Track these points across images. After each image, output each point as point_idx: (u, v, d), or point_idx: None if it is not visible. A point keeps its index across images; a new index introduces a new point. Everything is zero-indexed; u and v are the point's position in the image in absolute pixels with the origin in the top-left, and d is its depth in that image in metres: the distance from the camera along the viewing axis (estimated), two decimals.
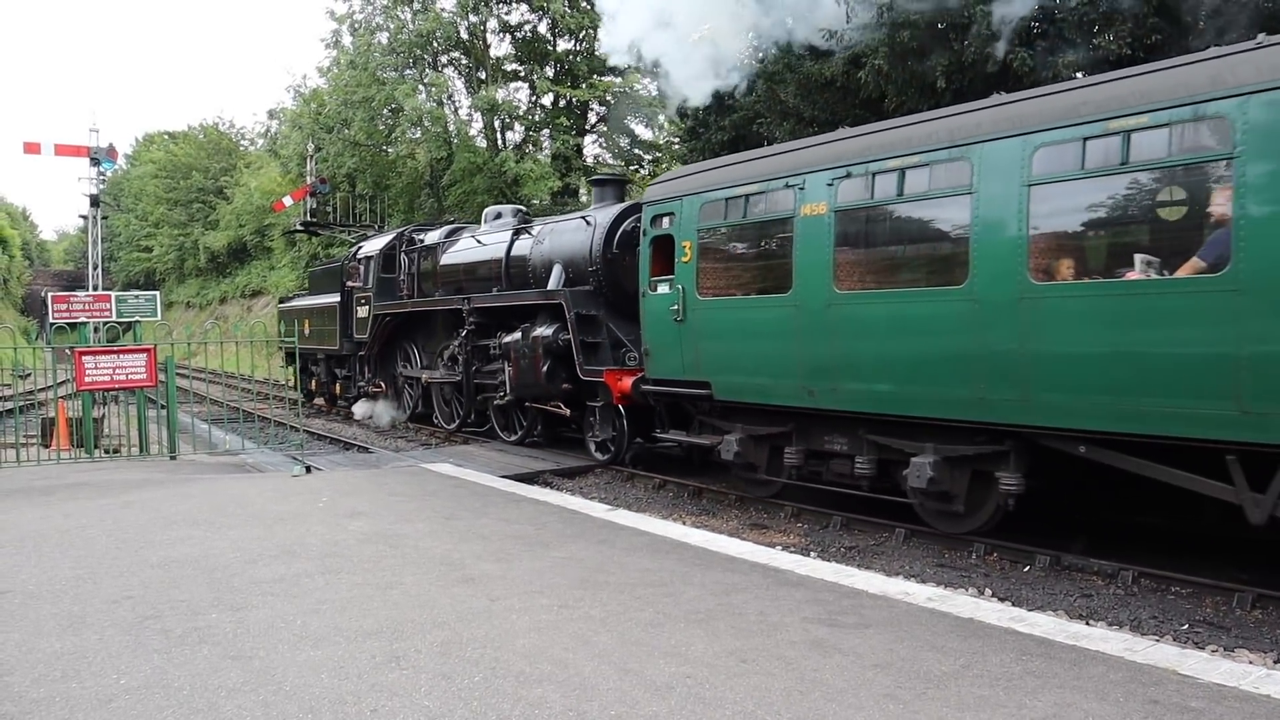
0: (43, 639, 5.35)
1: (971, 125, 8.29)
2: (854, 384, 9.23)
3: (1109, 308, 7.26)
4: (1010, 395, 7.94)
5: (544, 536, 8.00)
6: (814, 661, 4.90)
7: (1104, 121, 7.22)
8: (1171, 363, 6.94)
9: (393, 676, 4.72)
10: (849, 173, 9.17)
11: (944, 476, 8.79)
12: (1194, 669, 4.76)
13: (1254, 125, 6.37)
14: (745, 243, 10.78)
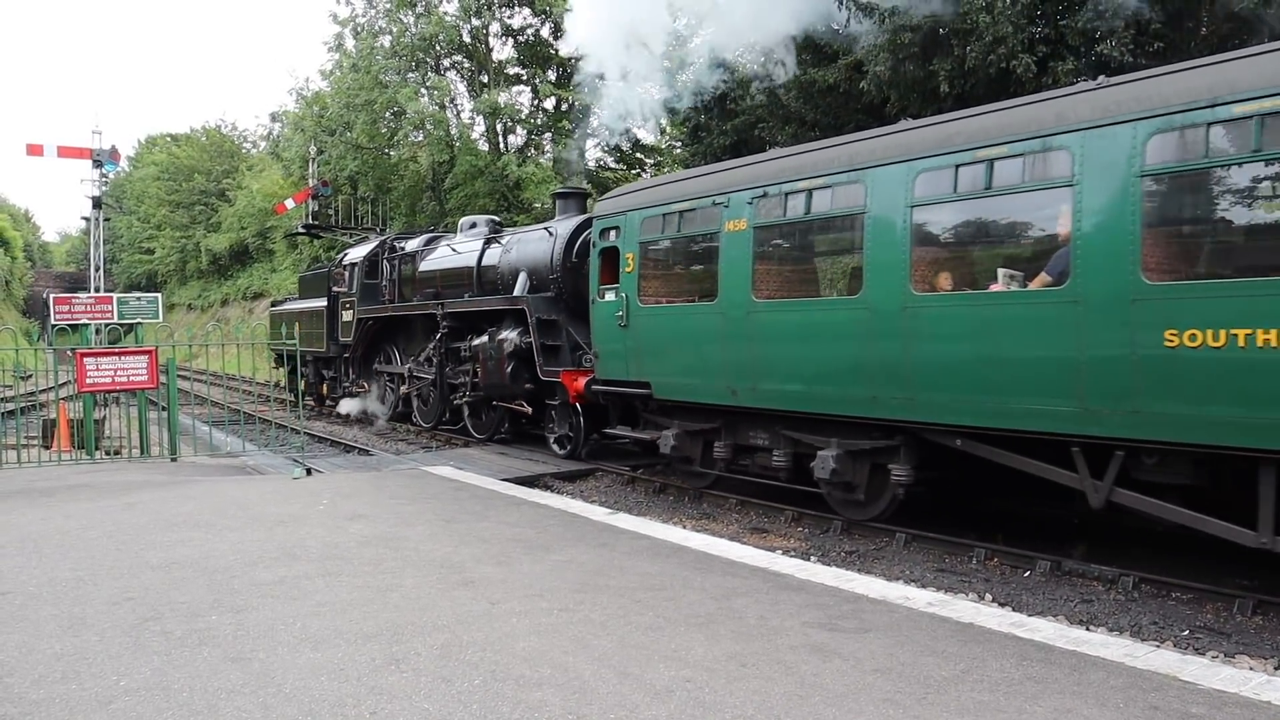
0: (43, 640, 5.35)
1: (866, 152, 9.22)
2: (770, 384, 10.16)
3: (976, 316, 8.23)
4: (898, 394, 8.86)
5: (544, 540, 8.00)
6: (814, 666, 4.90)
7: (972, 151, 8.18)
8: (1027, 366, 7.87)
9: (392, 679, 4.71)
10: (765, 193, 10.12)
11: (846, 468, 9.76)
12: (1195, 675, 4.75)
13: (1090, 157, 7.38)
14: (679, 255, 11.91)
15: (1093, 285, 7.34)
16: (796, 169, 9.89)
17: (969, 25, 14.13)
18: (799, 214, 9.85)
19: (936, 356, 8.52)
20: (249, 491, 10.79)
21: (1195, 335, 6.75)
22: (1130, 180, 7.13)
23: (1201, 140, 6.84)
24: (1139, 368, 7.11)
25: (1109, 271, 7.24)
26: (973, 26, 14.03)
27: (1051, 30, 13.86)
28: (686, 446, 11.80)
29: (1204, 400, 6.81)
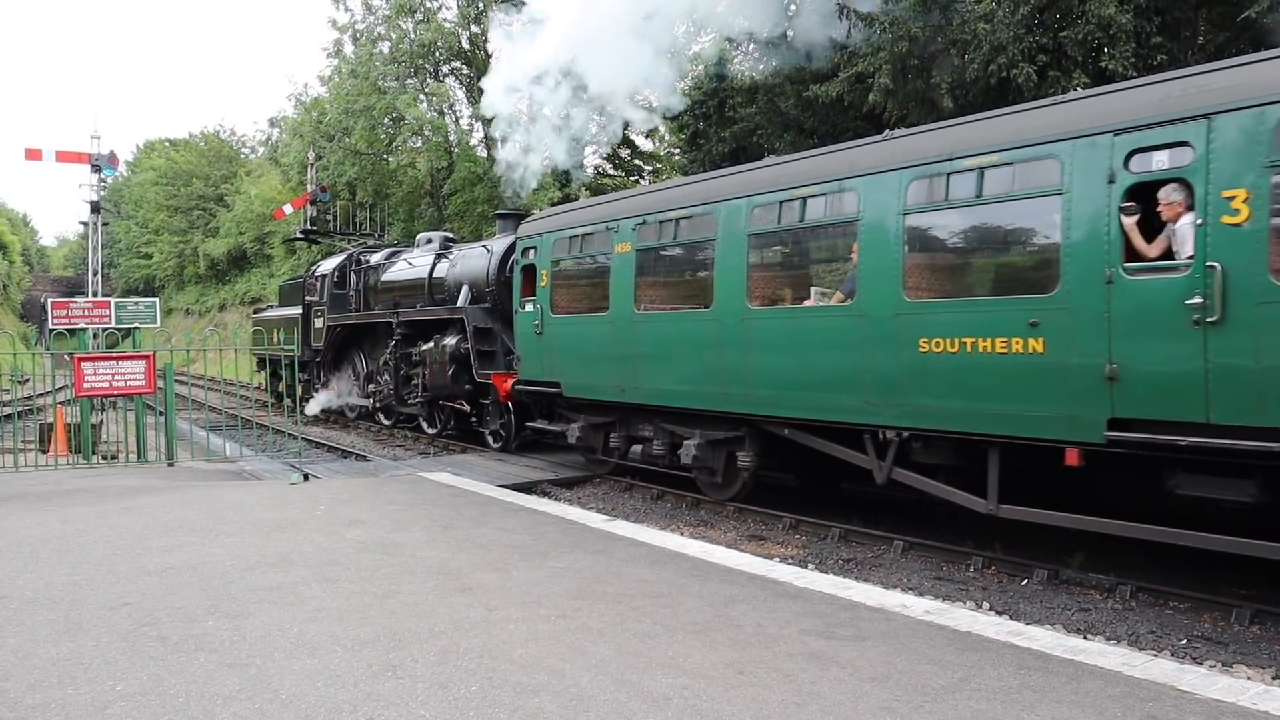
0: (39, 645, 5.34)
1: (717, 188, 11.05)
2: (649, 384, 11.91)
3: (793, 326, 10.00)
4: (740, 391, 10.53)
5: (542, 546, 8.00)
6: (811, 674, 4.89)
7: (791, 190, 9.91)
8: (828, 367, 9.60)
9: (389, 685, 4.70)
10: (645, 220, 11.94)
11: (706, 455, 11.44)
12: (1192, 684, 4.75)
13: (870, 198, 9.06)
14: (582, 272, 13.51)
15: (871, 302, 9.03)
16: (668, 200, 11.77)
17: (968, 35, 14.17)
18: (670, 238, 11.70)
19: (766, 359, 10.22)
20: (246, 497, 10.78)
21: (939, 343, 8.43)
22: (897, 217, 8.81)
23: (943, 187, 8.51)
24: (903, 369, 8.79)
25: (882, 291, 8.92)
26: (972, 36, 14.07)
27: (1051, 40, 13.89)
28: (590, 437, 13.55)
29: (946, 395, 8.47)
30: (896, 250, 8.79)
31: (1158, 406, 7.04)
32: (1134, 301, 7.13)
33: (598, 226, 12.81)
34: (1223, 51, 12.51)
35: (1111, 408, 7.29)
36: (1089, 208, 7.40)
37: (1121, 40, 12.70)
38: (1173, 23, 13.49)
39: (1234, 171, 6.59)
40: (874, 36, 15.43)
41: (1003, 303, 8.10)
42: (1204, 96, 6.84)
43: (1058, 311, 7.57)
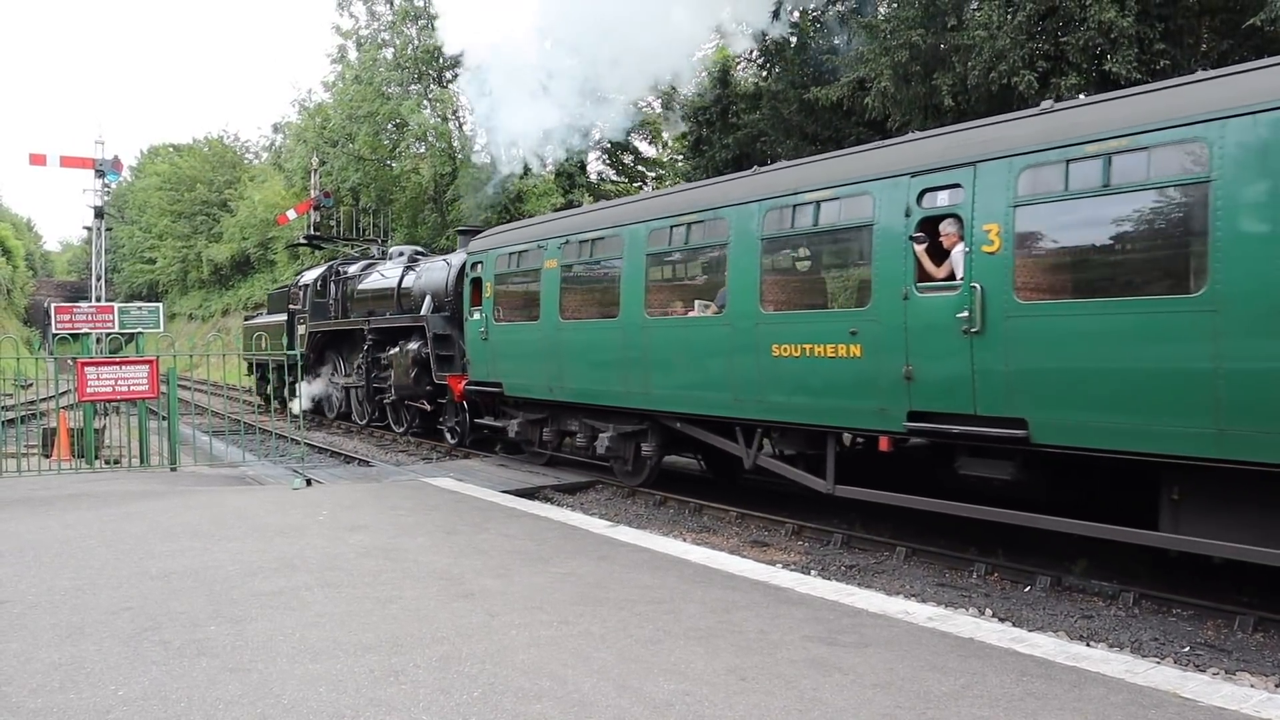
0: (41, 649, 5.34)
1: (623, 213, 12.69)
2: (572, 384, 13.43)
3: (680, 333, 11.54)
4: (642, 390, 12.01)
5: (544, 552, 7.99)
6: (814, 680, 4.89)
7: (680, 216, 11.51)
8: (708, 368, 11.03)
9: (391, 691, 4.70)
10: (567, 240, 13.49)
11: (618, 446, 12.97)
12: (1195, 692, 4.74)
13: (738, 225, 10.54)
14: (519, 285, 14.95)
15: (737, 314, 10.51)
16: (585, 223, 13.42)
17: (969, 41, 14.18)
18: (587, 256, 13.19)
19: (660, 362, 11.74)
20: (249, 502, 10.78)
21: (787, 348, 9.89)
22: (756, 241, 10.30)
23: (790, 216, 9.98)
24: (759, 370, 10.24)
25: (745, 304, 10.40)
26: (973, 42, 14.08)
27: (1052, 46, 13.91)
28: (528, 431, 15.17)
29: (793, 393, 9.93)
30: (756, 269, 10.32)
31: (941, 401, 8.53)
32: (923, 315, 8.58)
33: (531, 245, 14.47)
34: (1226, 59, 12.53)
35: (910, 402, 8.77)
36: (892, 236, 8.84)
37: (1124, 46, 12.71)
38: (1175, 29, 13.50)
39: (991, 209, 8.04)
40: (876, 44, 15.46)
41: (832, 314, 9.78)
42: (972, 148, 8.36)
43: (871, 323, 9.04)
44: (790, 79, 19.11)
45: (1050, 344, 7.69)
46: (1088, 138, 7.49)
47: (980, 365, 8.11)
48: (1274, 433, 6.46)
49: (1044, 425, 7.77)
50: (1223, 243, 6.64)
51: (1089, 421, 7.53)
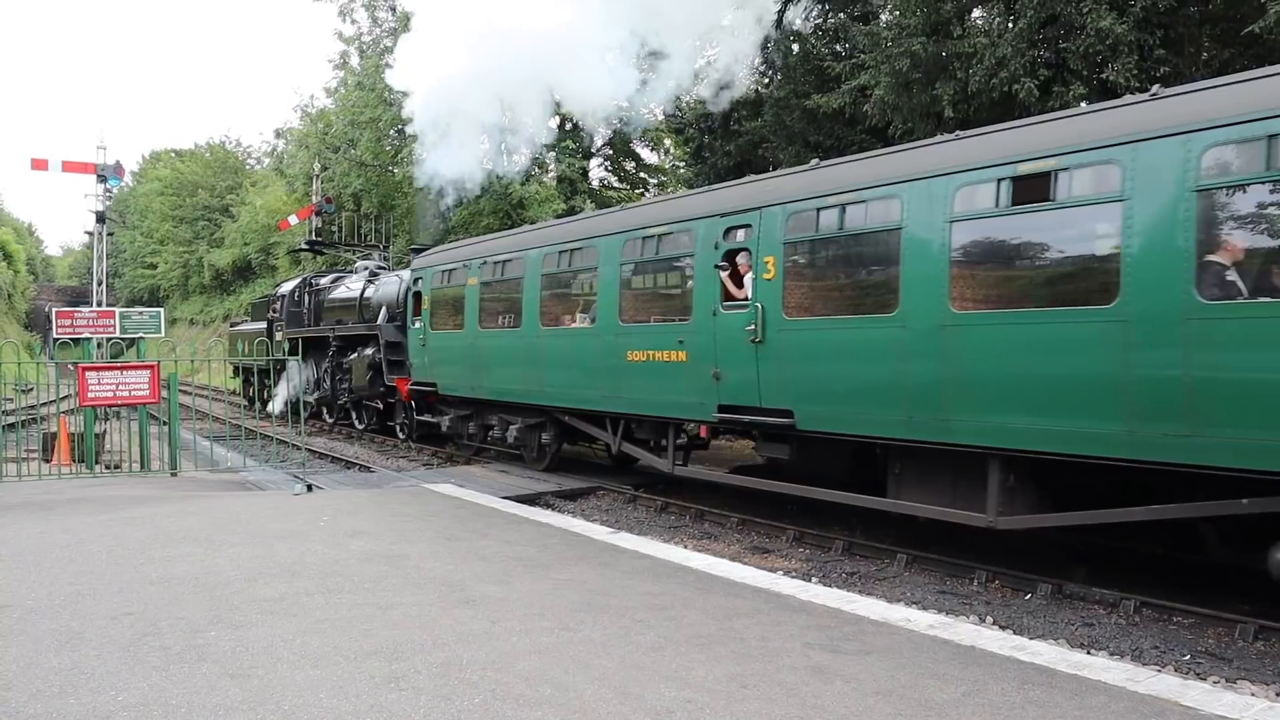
0: (41, 654, 5.34)
1: (527, 240, 14.99)
2: (489, 384, 15.56)
3: (566, 341, 13.62)
4: (539, 389, 14.19)
5: (545, 558, 7.99)
6: (815, 687, 4.88)
7: (564, 243, 13.72)
8: (584, 370, 13.13)
9: (392, 697, 4.70)
10: (485, 261, 15.67)
11: (525, 436, 15.27)
12: (1196, 700, 4.74)
13: (604, 252, 12.67)
14: (449, 299, 16.96)
15: (603, 325, 12.68)
16: (497, 248, 15.68)
17: (970, 49, 14.19)
18: (499, 276, 15.27)
19: (553, 364, 13.86)
20: (250, 507, 10.78)
21: (638, 354, 12.06)
22: (618, 266, 12.47)
23: (638, 247, 12.23)
24: (619, 372, 12.34)
25: (609, 318, 12.55)
26: (974, 50, 14.09)
27: (1053, 54, 13.92)
28: (458, 426, 17.34)
29: (642, 390, 12.10)
30: (616, 289, 12.53)
31: (739, 396, 10.61)
32: (726, 328, 10.66)
33: (459, 264, 16.62)
34: (1228, 67, 12.52)
35: (718, 397, 10.87)
36: (706, 265, 11.01)
37: (1124, 53, 12.71)
38: (1176, 38, 13.50)
39: (769, 245, 10.18)
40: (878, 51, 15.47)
41: (666, 327, 11.78)
42: (759, 196, 10.55)
43: (692, 334, 11.19)
44: (792, 87, 19.12)
45: (806, 351, 9.85)
46: (832, 190, 9.60)
47: (762, 367, 10.28)
48: (945, 420, 8.51)
49: (805, 415, 9.90)
50: (908, 275, 8.69)
51: (831, 412, 9.70)
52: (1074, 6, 13.01)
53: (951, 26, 15.09)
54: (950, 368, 8.40)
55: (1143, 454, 7.24)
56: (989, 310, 8.25)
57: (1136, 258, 7.07)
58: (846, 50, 18.16)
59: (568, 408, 13.87)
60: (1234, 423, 6.65)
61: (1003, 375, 8.09)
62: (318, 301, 25.45)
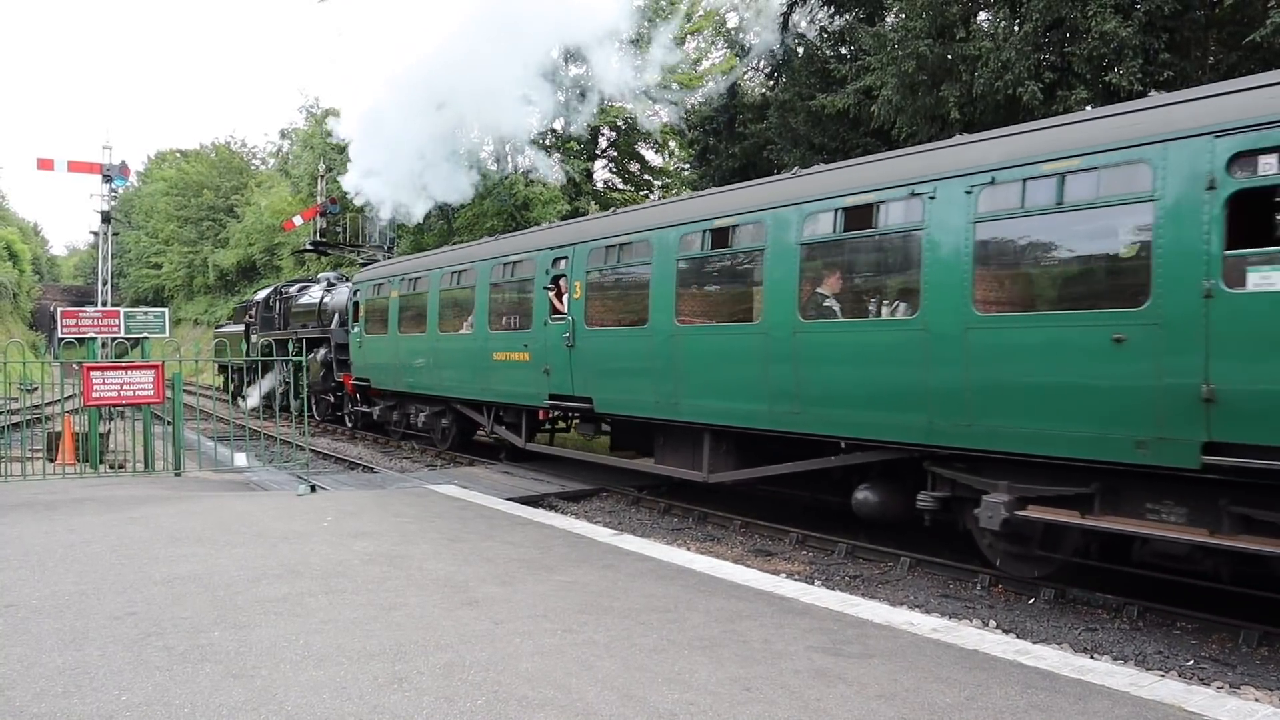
0: (45, 654, 5.35)
1: (431, 263, 18.51)
2: (406, 379, 18.91)
3: (455, 344, 16.78)
4: (439, 383, 17.64)
5: (548, 560, 7.99)
6: (818, 691, 4.88)
7: (458, 266, 16.90)
8: (467, 368, 16.37)
9: (395, 698, 4.70)
10: (403, 278, 19.10)
11: (430, 421, 18.83)
12: (1200, 706, 4.73)
13: (479, 275, 15.98)
14: (378, 308, 20.35)
15: (478, 331, 15.95)
16: (413, 268, 19.14)
17: (976, 52, 14.18)
18: (411, 290, 18.73)
19: (448, 363, 17.22)
20: (253, 507, 10.79)
21: (501, 354, 15.23)
22: (487, 285, 15.79)
23: (499, 271, 15.50)
24: (489, 369, 15.60)
25: (481, 325, 15.88)
26: (979, 53, 14.08)
27: (1058, 58, 13.91)
28: (386, 414, 20.74)
29: (502, 384, 15.30)
30: (486, 303, 15.87)
31: (561, 387, 13.70)
32: (552, 335, 13.77)
33: (385, 279, 20.08)
34: (1234, 72, 12.50)
35: (548, 388, 13.99)
36: (541, 286, 14.15)
37: (1129, 57, 12.70)
38: (1182, 41, 13.49)
39: (577, 272, 13.38)
40: (883, 54, 15.47)
41: (515, 334, 14.99)
42: (574, 235, 13.79)
43: (531, 339, 14.38)
44: (797, 89, 19.12)
45: (599, 353, 13.00)
46: (615, 233, 12.84)
47: (574, 365, 13.39)
48: (675, 403, 11.57)
49: (599, 400, 13.03)
50: (655, 298, 11.82)
51: (614, 398, 12.84)
52: (1079, 10, 13.00)
53: (957, 29, 15.09)
54: (677, 364, 11.46)
55: (777, 425, 10.30)
56: (696, 324, 11.42)
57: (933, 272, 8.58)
58: (852, 52, 18.16)
59: (458, 398, 17.30)
60: (820, 404, 9.73)
61: (704, 369, 11.19)
62: (286, 308, 28.58)
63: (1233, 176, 6.66)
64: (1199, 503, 7.11)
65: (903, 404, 8.85)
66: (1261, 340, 6.46)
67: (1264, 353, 6.45)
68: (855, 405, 9.37)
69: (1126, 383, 7.19)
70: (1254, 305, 6.52)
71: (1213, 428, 6.72)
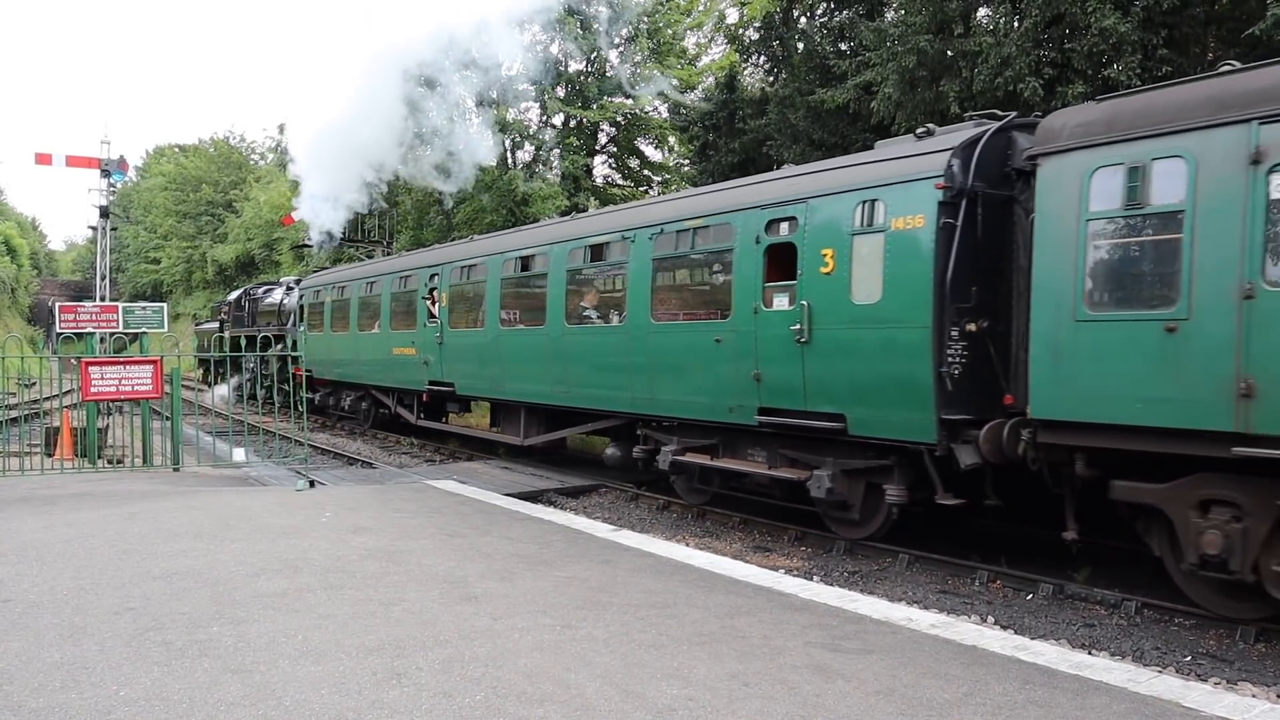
0: (43, 649, 5.35)
1: (353, 275, 22.38)
2: (338, 369, 22.76)
3: (369, 340, 20.87)
4: (361, 372, 21.51)
5: (547, 556, 7.99)
6: (816, 686, 4.88)
7: (370, 277, 20.97)
8: (377, 360, 20.25)
9: (394, 694, 4.70)
10: (334, 286, 23.14)
11: (354, 405, 22.80)
12: (1197, 702, 4.73)
13: (385, 287, 20.09)
14: (318, 309, 24.34)
15: (383, 330, 19.81)
16: (341, 278, 23.27)
17: (976, 47, 14.17)
18: (341, 296, 22.51)
19: (365, 356, 20.98)
20: (252, 503, 10.79)
21: (398, 349, 18.92)
22: (390, 293, 19.57)
23: (397, 283, 19.51)
24: (391, 361, 19.38)
25: (385, 325, 19.75)
26: (979, 48, 14.08)
27: (1058, 53, 13.90)
28: (325, 400, 24.44)
29: (399, 373, 19.14)
30: (389, 307, 19.79)
31: (435, 375, 17.39)
32: (428, 335, 17.73)
33: (323, 286, 24.42)
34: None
35: (428, 376, 17.75)
36: (421, 296, 18.16)
37: (1128, 53, 12.69)
38: (1181, 37, 13.49)
39: (444, 286, 17.17)
40: (883, 49, 15.46)
41: (406, 333, 18.77)
42: (443, 257, 17.77)
43: (416, 337, 18.20)
44: (797, 84, 19.11)
45: (457, 349, 16.94)
46: (467, 257, 16.84)
47: (443, 358, 17.31)
48: (500, 386, 15.62)
49: (459, 385, 17.05)
50: (489, 306, 15.92)
51: (468, 384, 16.88)
52: (1079, 6, 12.99)
53: (957, 25, 15.08)
54: (503, 357, 15.56)
55: (558, 401, 14.28)
56: (513, 327, 15.30)
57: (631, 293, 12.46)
58: (852, 48, 18.15)
59: (372, 385, 21.27)
60: (579, 385, 13.64)
61: (517, 361, 15.16)
62: (254, 308, 31.62)
63: (768, 235, 10.36)
64: (768, 448, 10.82)
65: (620, 385, 12.72)
66: (777, 343, 10.11)
67: (784, 355, 10.04)
68: (597, 386, 13.27)
69: (723, 369, 10.86)
70: (776, 319, 10.12)
71: (762, 398, 10.40)
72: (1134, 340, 7.25)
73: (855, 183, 9.51)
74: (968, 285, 8.65)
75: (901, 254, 8.91)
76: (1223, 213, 6.80)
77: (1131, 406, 7.23)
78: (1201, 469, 7.14)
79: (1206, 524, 7.12)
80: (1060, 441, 7.90)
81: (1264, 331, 6.54)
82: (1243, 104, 6.77)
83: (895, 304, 8.94)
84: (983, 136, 8.78)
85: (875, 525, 9.85)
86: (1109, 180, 7.47)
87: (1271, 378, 6.48)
